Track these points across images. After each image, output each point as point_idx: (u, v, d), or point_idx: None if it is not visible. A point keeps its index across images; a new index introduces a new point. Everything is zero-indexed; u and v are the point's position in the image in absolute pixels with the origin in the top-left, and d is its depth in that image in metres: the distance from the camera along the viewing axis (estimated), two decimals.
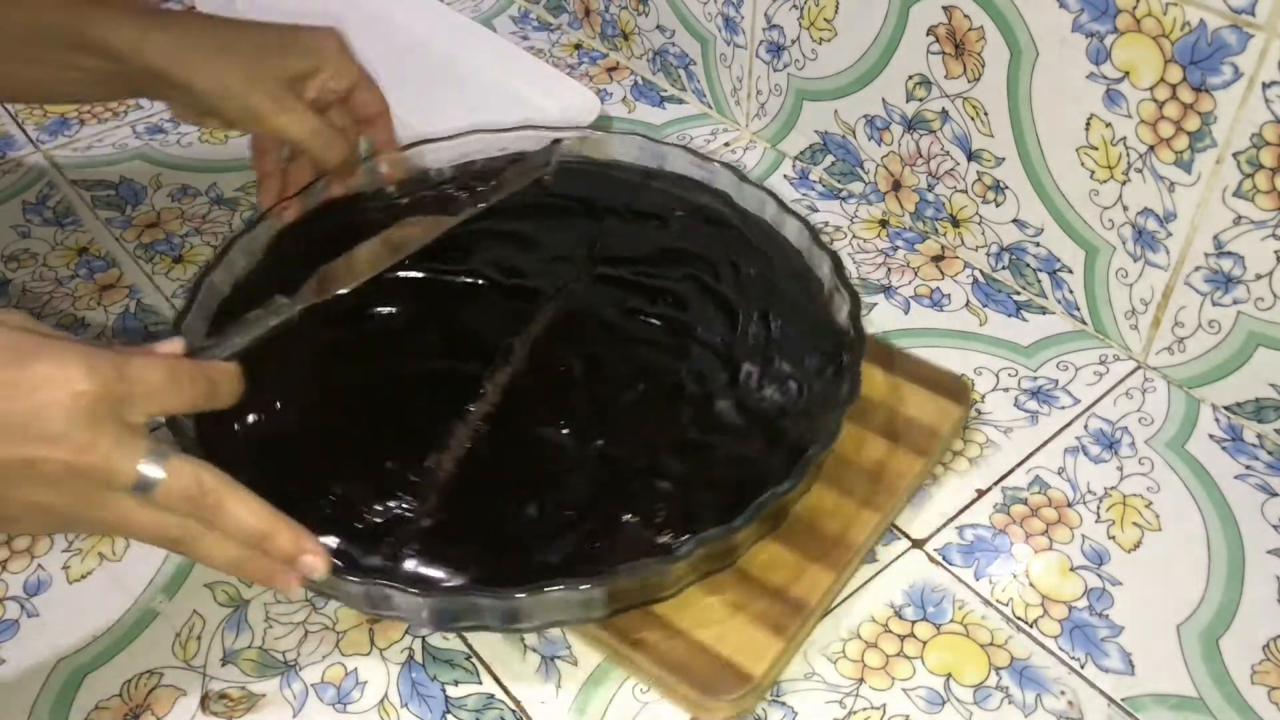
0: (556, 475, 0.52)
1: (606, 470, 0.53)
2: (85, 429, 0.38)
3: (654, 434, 0.54)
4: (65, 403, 0.38)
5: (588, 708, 0.49)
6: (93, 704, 0.49)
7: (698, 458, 0.53)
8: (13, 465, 0.38)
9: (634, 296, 0.61)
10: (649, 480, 0.52)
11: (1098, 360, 0.65)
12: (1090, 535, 0.56)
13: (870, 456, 0.56)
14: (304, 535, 0.44)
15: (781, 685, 0.50)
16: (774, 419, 0.54)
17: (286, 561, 0.44)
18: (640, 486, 0.52)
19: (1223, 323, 0.59)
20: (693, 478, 0.52)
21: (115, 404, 0.39)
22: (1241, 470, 0.58)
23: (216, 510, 0.42)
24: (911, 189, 0.73)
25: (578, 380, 0.57)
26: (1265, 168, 0.53)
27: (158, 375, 0.41)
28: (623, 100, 0.88)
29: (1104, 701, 0.49)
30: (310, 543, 0.44)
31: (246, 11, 0.96)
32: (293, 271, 0.55)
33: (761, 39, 0.77)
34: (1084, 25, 0.57)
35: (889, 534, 0.56)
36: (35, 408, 0.38)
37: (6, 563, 0.55)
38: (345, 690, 0.50)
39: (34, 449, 0.38)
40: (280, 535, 0.43)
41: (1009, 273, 0.69)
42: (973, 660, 0.51)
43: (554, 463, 0.53)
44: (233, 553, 0.43)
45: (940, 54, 0.66)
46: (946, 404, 0.59)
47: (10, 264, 0.72)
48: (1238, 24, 0.51)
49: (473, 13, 0.98)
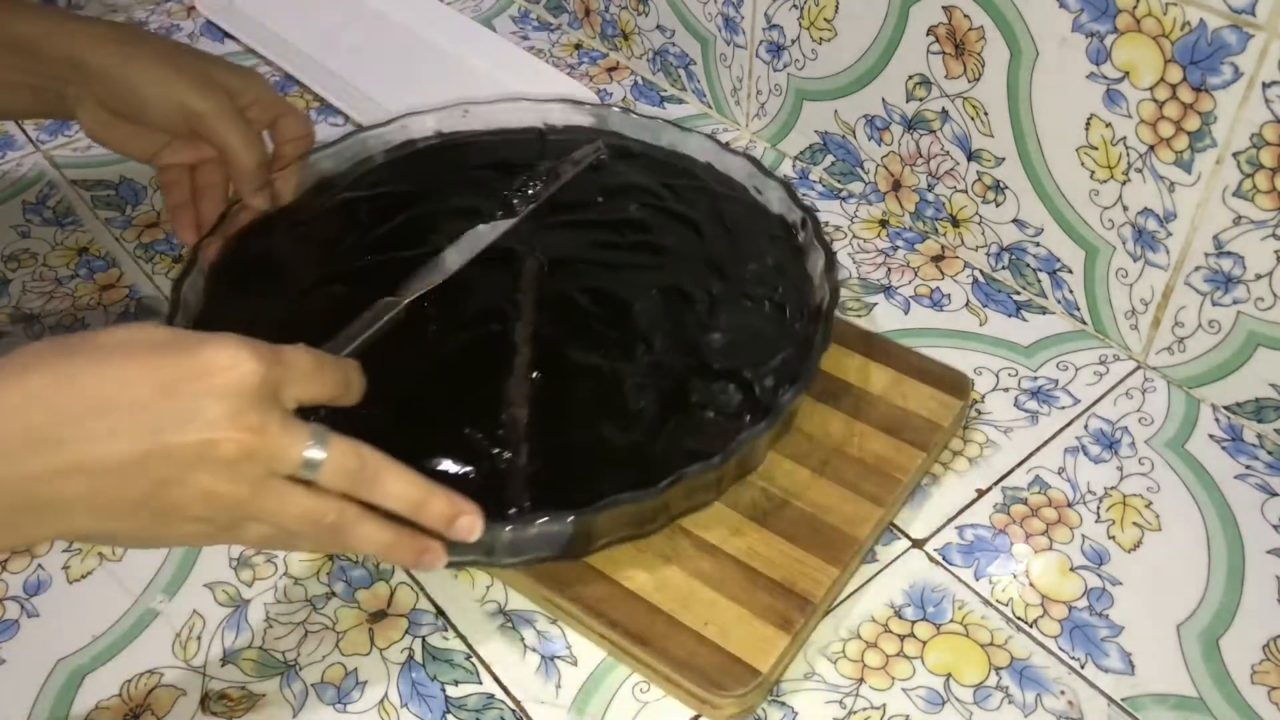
0: (622, 395, 0.54)
1: (662, 374, 0.55)
2: (256, 411, 0.39)
3: (685, 333, 0.57)
4: (238, 385, 0.38)
5: (587, 707, 0.49)
6: (92, 704, 0.49)
7: (731, 344, 0.57)
8: (193, 449, 0.38)
9: (599, 231, 0.64)
10: (704, 375, 0.55)
11: (1098, 360, 0.65)
12: (1090, 535, 0.56)
13: (871, 451, 0.56)
14: (457, 496, 0.44)
15: (782, 685, 0.50)
16: (768, 294, 0.60)
17: (445, 525, 0.44)
18: (700, 381, 0.55)
19: (1223, 323, 0.59)
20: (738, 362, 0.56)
21: (276, 387, 0.40)
22: (1241, 470, 0.58)
23: (375, 481, 0.42)
24: (911, 189, 0.73)
25: (592, 311, 0.59)
26: (1265, 168, 0.53)
27: (308, 362, 0.42)
28: (623, 100, 0.88)
29: (1104, 701, 0.49)
30: (465, 503, 0.44)
31: (246, 10, 0.97)
32: (244, 304, 0.58)
33: (761, 39, 0.77)
34: (1084, 25, 0.57)
35: (889, 534, 0.56)
36: (212, 390, 0.38)
37: (6, 563, 0.55)
38: (345, 690, 0.50)
39: (213, 431, 0.38)
40: (437, 498, 0.43)
41: (1009, 273, 0.69)
42: (973, 660, 0.51)
43: (613, 385, 0.55)
44: (386, 536, 0.43)
45: (940, 54, 0.66)
46: (947, 398, 0.59)
47: (10, 264, 0.72)
48: (1238, 24, 0.51)
49: (473, 13, 0.98)
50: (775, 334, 0.58)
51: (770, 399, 0.54)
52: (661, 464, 0.50)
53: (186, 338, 0.39)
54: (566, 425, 0.53)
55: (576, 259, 0.62)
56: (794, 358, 0.56)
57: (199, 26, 0.97)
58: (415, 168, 0.68)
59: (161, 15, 0.99)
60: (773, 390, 0.55)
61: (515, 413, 0.53)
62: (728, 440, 0.51)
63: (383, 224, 0.64)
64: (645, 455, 0.52)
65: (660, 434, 0.53)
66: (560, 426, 0.53)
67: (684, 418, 0.54)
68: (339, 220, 0.64)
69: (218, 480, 0.39)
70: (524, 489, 0.50)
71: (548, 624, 0.52)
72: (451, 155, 0.69)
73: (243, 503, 0.40)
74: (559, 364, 0.56)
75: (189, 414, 0.38)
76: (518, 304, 0.59)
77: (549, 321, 0.58)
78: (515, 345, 0.56)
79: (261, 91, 0.61)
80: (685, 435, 0.53)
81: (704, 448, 0.51)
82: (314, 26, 0.94)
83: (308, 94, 0.87)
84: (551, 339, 0.57)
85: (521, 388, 0.54)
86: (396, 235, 0.63)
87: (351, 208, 0.65)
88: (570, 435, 0.53)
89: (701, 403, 0.54)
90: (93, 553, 0.55)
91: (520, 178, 0.66)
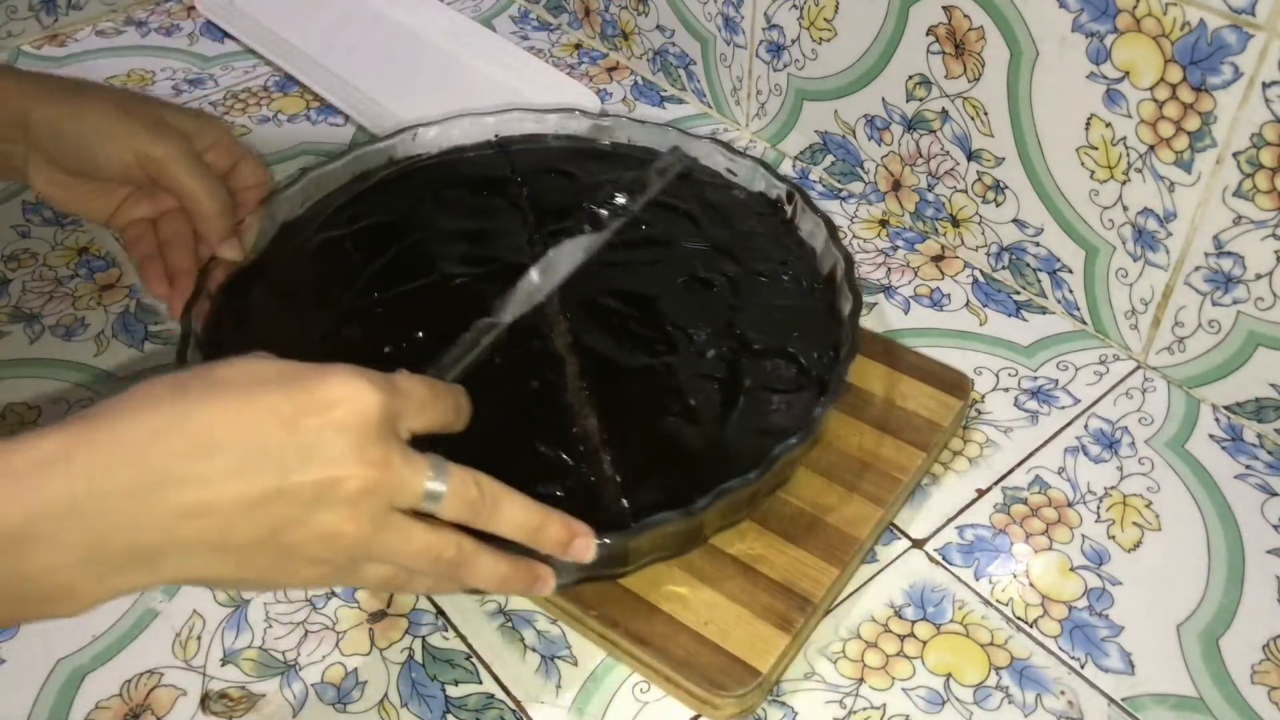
0: (680, 389, 0.55)
1: (712, 363, 0.56)
2: (379, 444, 0.38)
3: (718, 318, 0.58)
4: (359, 418, 0.37)
5: (587, 707, 0.49)
6: (92, 704, 0.49)
7: (763, 321, 0.58)
8: (316, 487, 0.37)
9: (607, 231, 0.64)
10: (751, 355, 0.56)
11: (1098, 360, 0.65)
12: (1090, 535, 0.56)
13: (871, 451, 0.56)
14: (572, 519, 0.44)
15: (782, 685, 0.50)
16: (778, 269, 0.61)
17: (562, 549, 0.43)
18: (750, 362, 0.56)
19: (1223, 322, 0.59)
20: (778, 338, 0.57)
21: (395, 418, 0.39)
22: (1241, 470, 0.58)
23: (494, 510, 0.41)
24: (911, 189, 0.73)
25: (623, 311, 0.59)
26: (1265, 167, 0.53)
27: (423, 390, 0.41)
28: (623, 100, 0.88)
29: (1104, 701, 0.49)
30: (579, 525, 0.44)
31: (246, 10, 0.97)
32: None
33: (761, 39, 0.77)
34: (1084, 25, 0.57)
35: (889, 534, 0.56)
36: (333, 424, 0.37)
37: None
38: (345, 690, 0.50)
39: (337, 468, 0.37)
40: (553, 522, 0.43)
41: (1009, 273, 0.69)
42: (973, 660, 0.51)
43: (669, 381, 0.55)
44: (504, 568, 0.43)
45: (940, 54, 0.66)
46: (947, 398, 0.59)
47: (10, 264, 0.72)
48: (1238, 24, 0.51)
49: (473, 13, 0.98)
50: (800, 305, 0.59)
51: (821, 368, 0.55)
52: (740, 449, 0.51)
53: (302, 370, 0.38)
54: (638, 429, 0.53)
55: (593, 262, 0.61)
56: (825, 325, 0.58)
57: (199, 26, 0.97)
58: (383, 199, 0.66)
59: (161, 15, 0.99)
60: (820, 360, 0.56)
61: (586, 424, 0.53)
62: (795, 415, 0.52)
63: (375, 259, 0.61)
64: (723, 444, 0.52)
65: (729, 421, 0.53)
66: (632, 431, 0.53)
67: (747, 400, 0.54)
68: (324, 263, 0.62)
69: (340, 518, 0.38)
70: (617, 498, 0.50)
71: (548, 624, 0.52)
72: (416, 180, 0.67)
73: (364, 541, 0.38)
74: (610, 369, 0.55)
75: (311, 450, 0.37)
76: (546, 318, 0.58)
77: (585, 329, 0.57)
78: (561, 356, 0.56)
79: (219, 135, 0.58)
80: (752, 417, 0.53)
81: (778, 425, 0.52)
82: (314, 26, 0.94)
83: (308, 94, 0.87)
84: (594, 345, 0.56)
85: (582, 398, 0.54)
86: (394, 269, 0.61)
87: (334, 247, 0.62)
88: (644, 438, 0.53)
89: (758, 383, 0.55)
90: None
91: (604, 190, 0.65)
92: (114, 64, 0.92)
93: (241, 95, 0.88)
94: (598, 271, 0.61)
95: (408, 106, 0.84)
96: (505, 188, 0.67)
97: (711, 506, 0.47)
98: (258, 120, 0.85)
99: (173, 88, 0.89)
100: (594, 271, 0.61)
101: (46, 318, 0.68)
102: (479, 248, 0.63)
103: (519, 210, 0.65)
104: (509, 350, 0.56)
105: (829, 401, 0.51)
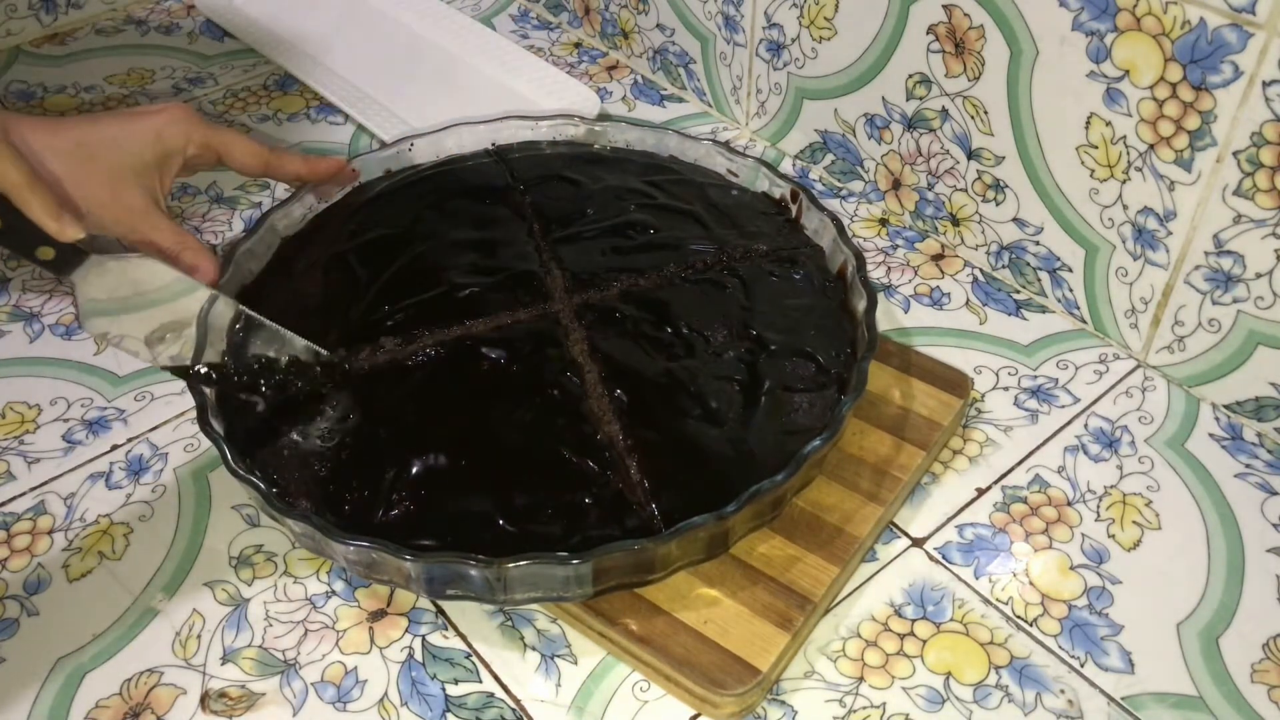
0: (701, 392, 0.54)
1: (731, 365, 0.56)
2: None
3: (732, 319, 0.58)
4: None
5: (587, 706, 0.49)
6: (92, 703, 0.49)
7: (777, 320, 0.58)
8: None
9: (606, 239, 0.64)
10: (769, 355, 0.57)
11: (1097, 359, 0.65)
12: (1090, 534, 0.56)
13: (872, 450, 0.56)
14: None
15: (781, 684, 0.50)
16: (787, 268, 0.62)
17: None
18: (768, 362, 0.56)
19: (1222, 321, 0.59)
20: (793, 337, 0.57)
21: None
22: (1241, 469, 0.58)
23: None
24: (911, 188, 0.73)
25: (636, 316, 0.58)
26: (1265, 166, 0.53)
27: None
28: (622, 99, 0.88)
29: (1104, 700, 0.49)
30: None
31: (246, 9, 0.97)
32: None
33: (761, 38, 0.77)
34: (1084, 24, 0.57)
35: (889, 533, 0.56)
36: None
37: (6, 561, 0.55)
38: (345, 689, 0.50)
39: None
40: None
41: (1009, 271, 0.69)
42: (972, 659, 0.51)
43: (689, 384, 0.55)
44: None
45: (940, 53, 0.66)
46: (947, 396, 0.59)
47: (10, 263, 0.72)
48: (1238, 22, 0.51)
49: (473, 12, 0.98)
50: (813, 303, 0.60)
51: (839, 366, 0.55)
52: (764, 450, 0.51)
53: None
54: (661, 434, 0.53)
55: (597, 269, 0.61)
56: (839, 322, 0.58)
57: (199, 26, 0.97)
58: (385, 212, 0.66)
59: (161, 13, 0.99)
60: (838, 358, 0.56)
61: (609, 431, 0.53)
62: (816, 414, 0.53)
63: (383, 272, 0.61)
64: (747, 445, 0.52)
65: (752, 422, 0.53)
66: (656, 436, 0.52)
67: (768, 400, 0.54)
68: (332, 277, 0.62)
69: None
70: (646, 503, 0.50)
71: (548, 623, 0.52)
72: (418, 191, 0.67)
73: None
74: (629, 375, 0.55)
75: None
76: (566, 331, 0.58)
77: (601, 335, 0.57)
78: (578, 364, 0.56)
79: (184, 132, 0.60)
80: (774, 417, 0.53)
81: (800, 424, 0.52)
82: (314, 26, 0.94)
83: (307, 93, 0.87)
84: (612, 352, 0.56)
85: (603, 405, 0.54)
86: (403, 280, 0.60)
87: (341, 262, 0.62)
88: (668, 442, 0.52)
89: (778, 383, 0.55)
90: (93, 552, 0.55)
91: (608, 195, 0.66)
92: (113, 62, 0.92)
93: (241, 94, 0.88)
94: (609, 275, 0.61)
95: (407, 105, 0.84)
96: (507, 196, 0.67)
97: (744, 509, 0.47)
98: (258, 119, 0.85)
99: (172, 86, 0.89)
100: (604, 276, 0.61)
101: (46, 317, 0.68)
102: (486, 257, 0.62)
103: (523, 218, 0.65)
104: (527, 359, 0.56)
105: (852, 399, 0.51)
